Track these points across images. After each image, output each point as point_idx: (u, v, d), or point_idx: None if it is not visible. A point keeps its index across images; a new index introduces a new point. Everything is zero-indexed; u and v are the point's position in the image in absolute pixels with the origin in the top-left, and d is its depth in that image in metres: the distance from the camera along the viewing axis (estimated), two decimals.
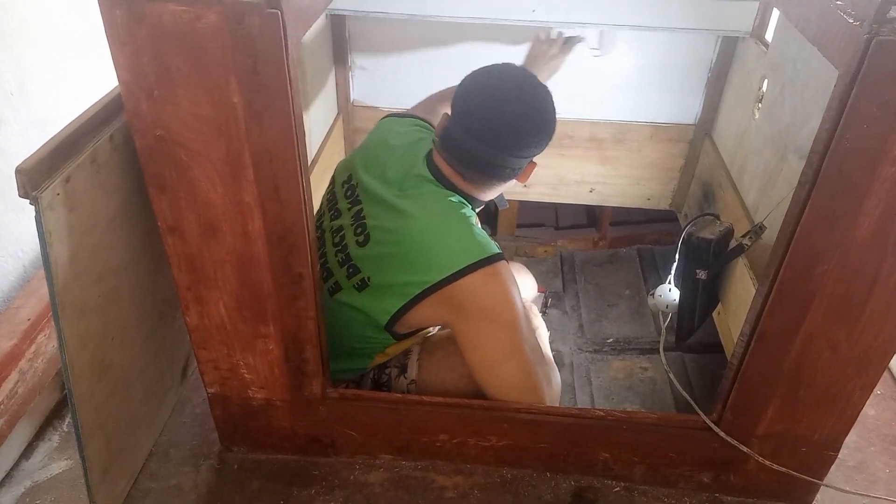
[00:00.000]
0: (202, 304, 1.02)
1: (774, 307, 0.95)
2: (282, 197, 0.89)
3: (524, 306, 1.11)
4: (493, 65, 1.15)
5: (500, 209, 1.33)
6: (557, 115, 1.15)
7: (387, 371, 1.25)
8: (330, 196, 1.27)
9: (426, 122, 1.36)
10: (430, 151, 1.18)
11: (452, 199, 1.13)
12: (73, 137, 0.86)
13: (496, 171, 1.13)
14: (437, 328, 1.30)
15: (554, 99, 1.13)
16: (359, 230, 1.15)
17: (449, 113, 1.15)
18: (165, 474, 1.21)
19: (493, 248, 1.08)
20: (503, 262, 1.08)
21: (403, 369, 1.24)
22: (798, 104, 1.23)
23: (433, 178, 1.14)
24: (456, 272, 1.04)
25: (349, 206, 1.19)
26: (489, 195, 1.20)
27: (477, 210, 1.20)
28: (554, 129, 1.15)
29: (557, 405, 1.20)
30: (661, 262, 2.11)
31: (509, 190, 1.25)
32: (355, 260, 1.13)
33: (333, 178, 1.29)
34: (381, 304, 1.10)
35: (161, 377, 1.23)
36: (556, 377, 1.20)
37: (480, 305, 1.06)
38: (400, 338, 1.16)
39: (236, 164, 0.86)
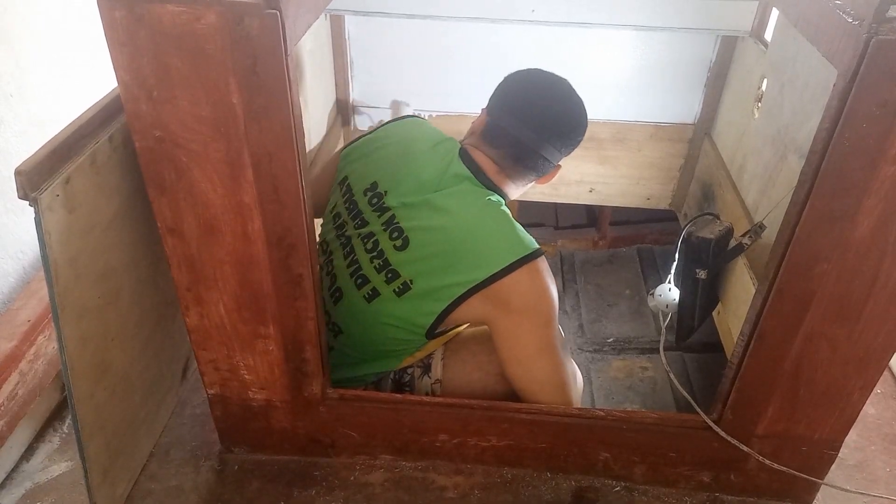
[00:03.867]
0: (202, 305, 1.02)
1: (774, 306, 0.95)
2: (281, 197, 0.89)
3: None
4: (535, 68, 1.21)
5: None
6: None
7: (409, 371, 1.24)
8: (349, 204, 1.23)
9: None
10: (463, 149, 1.19)
11: (491, 197, 1.14)
12: (73, 138, 0.86)
13: (538, 163, 1.17)
14: (465, 326, 1.30)
15: None
16: (395, 234, 1.13)
17: (486, 110, 1.19)
18: (166, 475, 1.21)
19: (535, 243, 1.10)
20: (543, 257, 1.10)
21: (427, 369, 1.23)
22: (797, 103, 1.23)
23: (471, 175, 1.15)
24: (502, 269, 1.06)
25: (377, 214, 1.17)
26: (517, 192, 1.23)
27: None
28: (584, 134, 1.21)
29: (580, 402, 1.21)
30: (661, 262, 2.11)
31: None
32: (395, 265, 1.12)
33: (349, 184, 1.25)
34: (425, 306, 1.10)
35: (161, 378, 1.23)
36: (579, 374, 1.21)
37: (524, 301, 1.07)
38: (433, 336, 1.16)
39: (235, 165, 0.86)
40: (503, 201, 1.16)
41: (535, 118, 1.14)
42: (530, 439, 1.17)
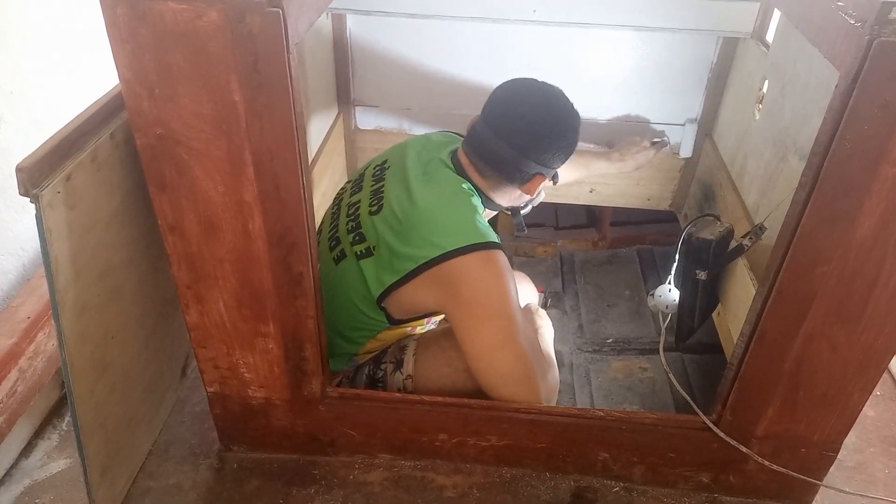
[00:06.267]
0: (202, 303, 1.02)
1: (774, 308, 0.95)
2: (282, 196, 0.89)
3: (524, 304, 1.13)
4: (529, 77, 1.21)
5: (517, 232, 1.39)
6: None
7: (382, 366, 1.25)
8: (358, 178, 1.32)
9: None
10: (456, 149, 1.26)
11: (464, 185, 1.18)
12: (74, 136, 0.86)
13: (508, 170, 1.18)
14: (431, 324, 1.30)
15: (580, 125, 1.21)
16: (374, 201, 1.19)
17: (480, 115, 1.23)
18: (165, 473, 1.21)
19: (493, 237, 1.11)
20: (501, 252, 1.10)
21: (399, 364, 1.24)
22: (798, 105, 1.23)
23: (451, 166, 1.22)
24: (452, 251, 1.07)
25: (373, 182, 1.25)
26: (499, 197, 1.25)
27: (490, 214, 1.27)
28: (571, 145, 1.21)
29: (554, 401, 1.20)
30: (661, 263, 2.11)
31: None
32: (363, 227, 1.17)
33: (368, 164, 1.35)
34: (379, 274, 1.13)
35: (161, 376, 1.23)
36: (555, 373, 1.20)
37: (474, 289, 1.07)
38: (393, 322, 1.17)
39: (237, 163, 0.86)
40: (475, 194, 1.19)
41: (507, 128, 1.16)
42: (530, 439, 1.17)
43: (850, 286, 0.91)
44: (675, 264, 1.38)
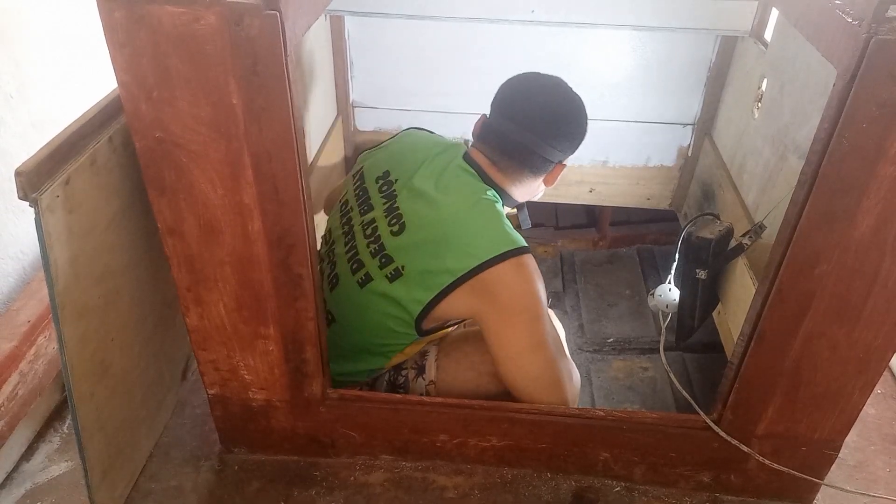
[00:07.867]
0: (202, 305, 1.02)
1: (774, 307, 0.95)
2: (281, 197, 0.89)
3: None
4: (532, 71, 1.23)
5: (521, 227, 1.37)
6: None
7: (403, 373, 1.25)
8: (359, 191, 1.28)
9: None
10: (466, 150, 1.24)
11: (487, 192, 1.17)
12: (73, 139, 0.86)
13: (530, 159, 1.18)
14: (454, 327, 1.30)
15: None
16: (393, 220, 1.17)
17: (486, 115, 1.23)
18: (166, 475, 1.21)
19: (522, 241, 1.12)
20: (531, 255, 1.11)
21: (421, 370, 1.24)
22: (797, 103, 1.23)
23: (471, 170, 1.20)
24: (488, 260, 1.07)
25: (384, 200, 1.22)
26: (519, 192, 1.24)
27: (507, 211, 1.26)
28: (584, 132, 1.22)
29: (576, 404, 1.20)
30: (661, 262, 2.11)
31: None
32: (389, 250, 1.14)
33: (362, 174, 1.31)
34: (413, 293, 1.11)
35: (161, 378, 1.23)
36: (576, 374, 1.21)
37: (510, 294, 1.08)
38: (424, 333, 1.16)
39: (236, 165, 0.87)
40: (499, 199, 1.18)
41: (526, 115, 1.17)
42: (530, 439, 1.17)
43: (850, 285, 0.91)
44: (675, 263, 1.38)
